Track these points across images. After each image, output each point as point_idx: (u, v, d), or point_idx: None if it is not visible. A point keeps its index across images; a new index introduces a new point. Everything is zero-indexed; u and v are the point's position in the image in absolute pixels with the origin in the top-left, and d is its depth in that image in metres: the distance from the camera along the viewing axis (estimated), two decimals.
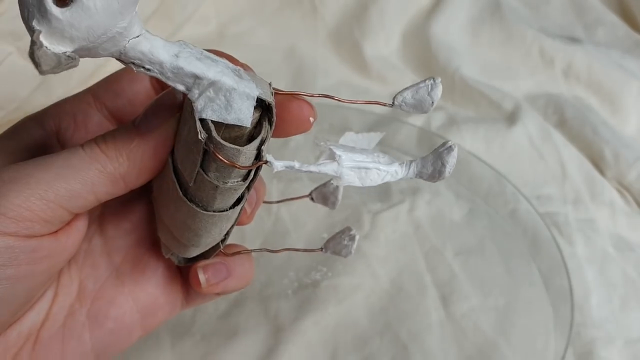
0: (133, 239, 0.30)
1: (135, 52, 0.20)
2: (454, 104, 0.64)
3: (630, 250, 0.52)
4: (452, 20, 0.69)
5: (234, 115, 0.21)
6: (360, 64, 0.66)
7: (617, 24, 0.73)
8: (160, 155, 0.24)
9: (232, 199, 0.25)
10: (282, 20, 0.70)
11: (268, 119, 0.23)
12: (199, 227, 0.25)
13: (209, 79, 0.21)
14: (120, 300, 0.29)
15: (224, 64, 0.22)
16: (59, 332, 0.27)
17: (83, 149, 0.23)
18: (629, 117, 0.63)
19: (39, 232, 0.23)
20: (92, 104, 0.27)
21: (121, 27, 0.19)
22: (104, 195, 0.24)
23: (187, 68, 0.21)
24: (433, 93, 0.25)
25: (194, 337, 0.43)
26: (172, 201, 0.25)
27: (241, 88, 0.21)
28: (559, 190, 0.55)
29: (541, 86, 0.66)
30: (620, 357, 0.45)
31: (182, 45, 0.21)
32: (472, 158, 0.55)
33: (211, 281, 0.29)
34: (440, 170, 0.24)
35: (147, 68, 0.21)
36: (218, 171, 0.23)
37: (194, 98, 0.21)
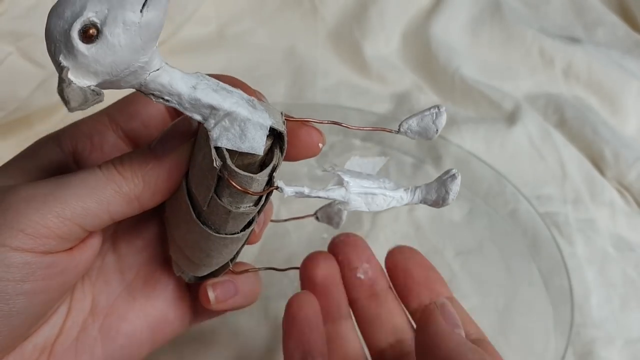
0: (145, 257, 0.30)
1: (155, 85, 0.21)
2: (454, 104, 0.64)
3: (630, 250, 0.52)
4: (452, 20, 0.69)
5: (248, 144, 0.22)
6: (360, 64, 0.66)
7: (617, 24, 0.73)
8: (174, 178, 0.25)
9: (244, 222, 0.26)
10: (282, 20, 0.70)
11: (279, 146, 0.24)
12: (210, 249, 0.26)
13: (225, 110, 0.22)
14: (131, 316, 0.30)
15: (238, 95, 0.23)
16: (72, 346, 0.28)
17: (100, 169, 0.24)
18: (629, 117, 0.63)
19: (55, 248, 0.23)
20: (108, 126, 0.28)
21: (143, 62, 0.20)
22: (119, 214, 0.25)
23: (204, 100, 0.22)
24: (437, 121, 0.26)
25: (194, 337, 0.43)
26: (185, 223, 0.26)
27: (255, 118, 0.22)
28: (559, 190, 0.55)
29: (541, 86, 0.66)
30: (620, 357, 0.45)
31: (199, 77, 0.22)
32: (472, 158, 0.55)
33: (220, 298, 0.30)
34: (444, 197, 0.26)
35: (166, 99, 0.22)
36: (231, 197, 0.24)
37: (210, 127, 0.22)
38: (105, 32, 0.19)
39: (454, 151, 0.56)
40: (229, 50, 0.66)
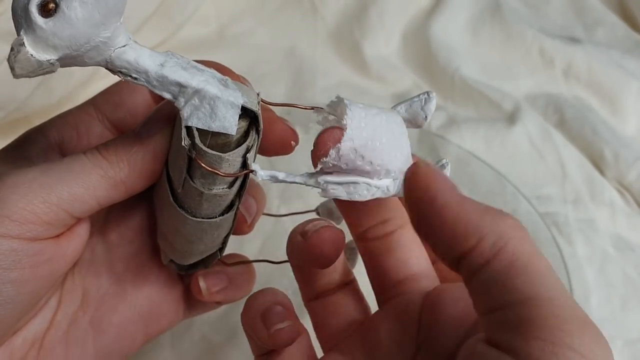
0: (135, 247, 0.30)
1: (121, 61, 0.21)
2: (454, 104, 0.64)
3: (630, 250, 0.52)
4: (452, 20, 0.69)
5: (219, 123, 0.22)
6: (360, 64, 0.66)
7: (617, 24, 0.72)
8: (159, 160, 0.25)
9: (220, 206, 0.25)
10: (282, 20, 0.70)
11: (255, 128, 0.24)
12: (189, 233, 0.26)
13: (192, 87, 0.22)
14: (122, 308, 0.29)
15: (210, 73, 0.23)
16: (62, 339, 0.28)
17: (85, 155, 0.24)
18: (629, 117, 0.63)
19: (42, 235, 0.23)
20: (94, 115, 0.28)
21: (104, 37, 0.20)
22: (106, 199, 0.24)
23: (171, 77, 0.22)
24: (426, 107, 0.25)
25: (194, 337, 0.43)
26: (166, 207, 0.26)
27: (225, 96, 0.22)
28: (559, 190, 0.55)
29: (541, 86, 0.66)
30: (620, 357, 0.45)
31: (168, 55, 0.22)
32: (472, 158, 0.55)
33: (211, 289, 0.30)
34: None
35: (134, 77, 0.22)
36: (203, 178, 0.23)
37: (180, 106, 0.22)
38: (62, 6, 0.19)
39: (454, 151, 0.56)
40: (229, 50, 0.66)
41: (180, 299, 0.31)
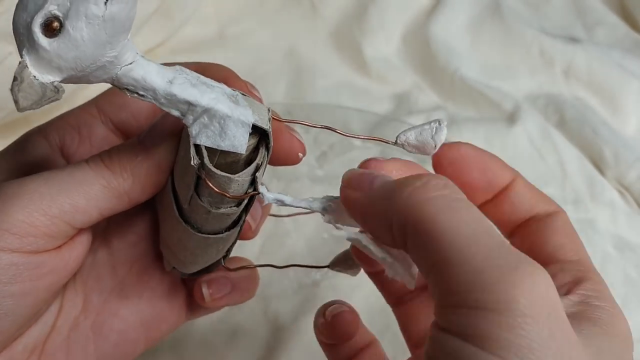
0: (138, 252, 0.30)
1: (128, 79, 0.20)
2: (454, 104, 0.64)
3: (630, 250, 0.52)
4: (452, 20, 0.69)
5: (229, 142, 0.21)
6: (360, 64, 0.66)
7: (617, 24, 0.72)
8: (164, 171, 0.24)
9: (227, 223, 0.25)
10: (282, 20, 0.70)
11: (265, 144, 0.23)
12: (194, 247, 0.25)
13: (202, 106, 0.21)
14: (124, 313, 0.29)
15: (220, 90, 0.22)
16: (63, 345, 0.27)
17: (88, 164, 0.24)
18: (629, 117, 0.63)
19: (43, 247, 0.23)
20: (97, 117, 0.28)
21: (111, 56, 0.20)
22: (108, 210, 0.24)
23: (180, 95, 0.21)
24: (437, 137, 0.24)
25: (194, 338, 0.43)
26: (170, 220, 0.25)
27: (236, 115, 0.21)
28: (559, 190, 0.55)
29: (541, 86, 0.66)
30: None
31: (177, 71, 0.22)
32: None
33: (215, 295, 0.29)
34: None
35: (141, 94, 0.21)
36: (211, 197, 0.23)
37: (189, 123, 0.22)
38: (67, 26, 0.18)
39: None
40: (229, 50, 0.66)
41: (182, 303, 0.31)
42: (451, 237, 0.18)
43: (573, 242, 0.25)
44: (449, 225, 0.18)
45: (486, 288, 0.17)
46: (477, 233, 0.18)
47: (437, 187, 0.20)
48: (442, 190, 0.19)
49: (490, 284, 0.17)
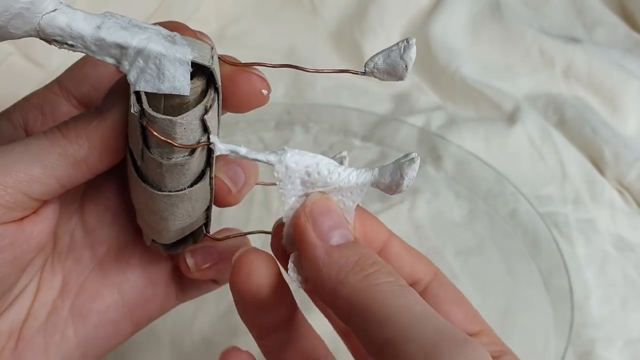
0: (116, 229, 0.29)
1: (52, 28, 0.19)
2: (454, 103, 0.64)
3: (630, 250, 0.52)
4: (452, 20, 0.69)
5: (168, 84, 0.20)
6: (360, 64, 0.65)
7: (617, 24, 0.72)
8: (120, 134, 0.23)
9: (185, 176, 0.23)
10: (282, 20, 0.70)
11: (214, 86, 0.22)
12: (160, 209, 0.24)
13: (133, 47, 0.20)
14: (104, 293, 0.28)
15: (154, 30, 0.21)
16: (41, 329, 0.27)
17: (45, 134, 0.23)
18: (629, 117, 0.63)
19: (1, 218, 0.22)
20: (59, 94, 0.27)
21: (25, 2, 0.18)
22: (67, 180, 0.23)
23: (109, 38, 0.20)
24: (406, 55, 0.23)
25: (194, 337, 0.43)
26: (133, 183, 0.24)
27: (172, 53, 0.20)
28: (559, 190, 0.55)
29: (541, 86, 0.66)
30: (620, 357, 0.45)
31: (106, 16, 0.20)
32: (472, 158, 0.55)
33: (200, 265, 0.28)
34: (397, 182, 0.23)
35: (70, 44, 0.20)
36: (159, 147, 0.22)
37: (126, 70, 0.20)
38: None
39: (454, 151, 0.56)
40: (229, 50, 0.65)
41: (169, 281, 0.30)
42: (405, 316, 0.19)
43: (462, 305, 0.26)
44: (401, 306, 0.20)
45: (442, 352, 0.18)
46: (426, 313, 0.20)
47: (385, 274, 0.21)
48: (389, 277, 0.21)
49: (446, 355, 0.18)
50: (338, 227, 0.23)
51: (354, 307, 0.21)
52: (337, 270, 0.21)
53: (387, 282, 0.21)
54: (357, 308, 0.21)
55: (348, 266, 0.21)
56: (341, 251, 0.22)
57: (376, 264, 0.21)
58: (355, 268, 0.21)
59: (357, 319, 0.21)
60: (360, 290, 0.21)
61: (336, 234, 0.22)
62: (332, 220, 0.23)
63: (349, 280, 0.21)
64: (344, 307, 0.21)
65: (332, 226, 0.23)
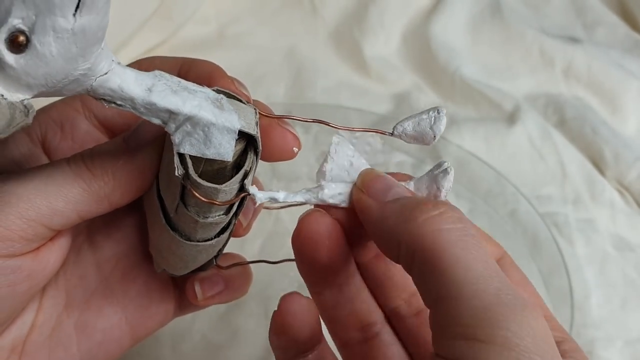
0: (123, 248, 0.29)
1: (104, 90, 0.19)
2: (454, 103, 0.64)
3: (630, 250, 0.52)
4: (452, 20, 0.69)
5: (214, 150, 0.20)
6: (360, 64, 0.66)
7: (617, 24, 0.72)
8: (147, 176, 0.23)
9: (216, 230, 0.24)
10: (282, 20, 0.70)
11: (254, 149, 0.22)
12: (183, 254, 0.25)
13: (184, 115, 0.20)
14: (109, 312, 0.28)
15: (203, 95, 0.21)
16: (45, 344, 0.27)
17: (68, 164, 0.23)
18: (629, 117, 0.63)
19: (20, 251, 0.22)
20: (81, 111, 0.27)
21: (84, 68, 0.18)
22: (87, 214, 0.23)
23: (160, 104, 0.20)
24: (435, 127, 0.23)
25: (194, 337, 0.43)
26: (158, 226, 0.24)
27: (221, 122, 0.20)
28: (559, 190, 0.55)
29: (541, 86, 0.66)
30: (620, 357, 0.45)
31: (156, 77, 0.20)
32: (472, 158, 0.55)
33: (207, 294, 0.29)
34: (435, 194, 0.23)
35: (119, 104, 0.20)
36: (198, 206, 0.22)
37: (171, 132, 0.20)
38: (35, 42, 0.17)
39: (454, 151, 0.56)
40: (229, 50, 0.66)
41: (170, 300, 0.30)
42: (464, 272, 0.18)
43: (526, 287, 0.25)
44: (461, 260, 0.18)
45: (496, 324, 0.17)
46: (487, 271, 0.18)
47: (452, 220, 0.20)
48: (456, 224, 0.20)
49: (501, 320, 0.17)
50: (391, 188, 0.22)
51: (416, 253, 0.19)
52: (395, 216, 0.20)
53: (453, 229, 0.19)
54: (419, 255, 0.19)
55: (407, 209, 0.20)
56: (396, 202, 0.21)
57: (442, 205, 0.20)
58: (416, 210, 0.20)
59: (417, 269, 0.20)
60: (423, 234, 0.19)
61: (390, 193, 0.22)
62: (383, 183, 0.22)
63: (410, 222, 0.20)
64: (407, 256, 0.20)
65: (385, 187, 0.22)
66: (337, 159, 0.23)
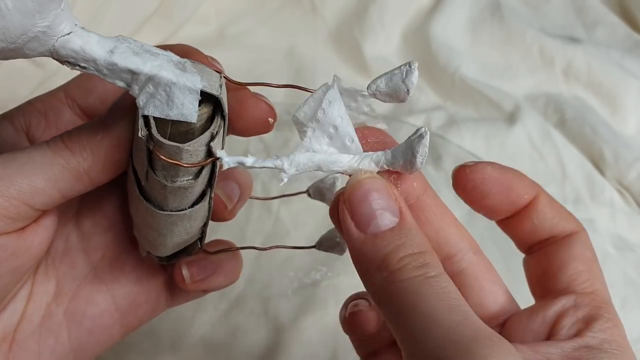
0: (111, 236, 0.29)
1: (66, 51, 0.20)
2: (454, 103, 0.64)
3: (630, 250, 0.52)
4: (452, 20, 0.69)
5: (177, 111, 0.21)
6: (360, 64, 0.66)
7: (617, 24, 0.72)
8: (124, 150, 0.23)
9: (188, 198, 0.24)
10: (282, 20, 0.70)
11: (220, 113, 0.22)
12: (159, 226, 0.25)
13: (145, 74, 0.20)
14: (98, 299, 0.29)
15: (165, 57, 0.21)
16: (35, 332, 0.27)
17: (47, 144, 0.23)
18: (628, 117, 0.63)
19: (2, 229, 0.22)
20: (64, 101, 0.27)
21: (43, 26, 0.19)
22: (69, 191, 0.23)
23: (121, 64, 0.20)
24: (407, 80, 0.23)
25: (194, 337, 0.43)
26: (134, 199, 0.25)
27: (182, 81, 0.20)
28: (559, 190, 0.55)
29: (541, 86, 0.66)
30: None
31: (119, 40, 0.21)
32: (472, 158, 0.55)
33: (196, 277, 0.29)
34: (411, 160, 0.23)
35: (83, 66, 0.20)
36: (165, 170, 0.22)
37: (135, 94, 0.21)
38: None
39: (454, 151, 0.56)
40: (229, 50, 0.66)
41: (161, 289, 0.30)
42: (413, 318, 0.19)
43: (590, 269, 0.25)
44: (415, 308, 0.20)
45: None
46: (438, 311, 0.19)
47: (412, 269, 0.20)
48: (416, 272, 0.20)
49: (450, 357, 0.18)
50: (373, 217, 0.22)
51: (377, 303, 0.21)
52: (366, 264, 0.21)
53: (409, 279, 0.20)
54: (379, 305, 0.21)
55: (375, 263, 0.21)
56: (374, 243, 0.21)
57: (404, 259, 0.21)
58: (382, 265, 0.21)
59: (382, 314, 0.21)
60: (382, 288, 0.21)
61: (372, 225, 0.22)
62: (368, 209, 0.22)
63: (373, 278, 0.21)
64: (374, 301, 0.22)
65: (369, 215, 0.22)
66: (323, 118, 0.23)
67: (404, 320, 0.20)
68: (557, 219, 0.26)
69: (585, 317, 0.23)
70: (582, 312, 0.23)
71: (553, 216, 0.26)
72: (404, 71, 0.23)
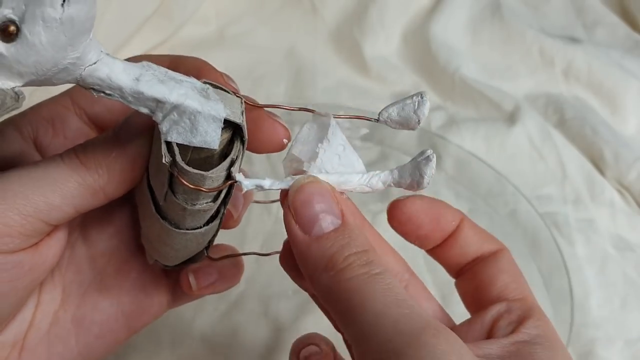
0: (116, 243, 0.29)
1: (93, 79, 0.20)
2: (454, 104, 0.64)
3: (630, 250, 0.52)
4: (452, 20, 0.69)
5: (200, 138, 0.21)
6: (360, 64, 0.66)
7: (617, 24, 0.72)
8: (139, 167, 0.24)
9: (204, 218, 0.24)
10: (282, 20, 0.70)
11: (240, 137, 0.22)
12: (174, 243, 0.25)
13: (171, 103, 0.21)
14: (104, 305, 0.29)
15: (189, 84, 0.21)
16: (44, 339, 0.27)
17: (62, 159, 0.23)
18: (629, 117, 0.63)
19: (19, 246, 0.22)
20: (71, 108, 0.27)
21: (73, 57, 0.19)
22: (84, 207, 0.24)
23: (147, 92, 0.20)
24: (419, 111, 0.24)
25: (194, 337, 0.43)
26: (149, 216, 0.25)
27: (207, 110, 0.21)
28: (559, 190, 0.55)
29: (541, 86, 0.66)
30: (620, 357, 0.45)
31: (144, 67, 0.21)
32: (472, 158, 0.55)
33: (202, 284, 0.29)
34: (418, 181, 0.24)
35: (108, 93, 0.20)
36: (185, 193, 0.22)
37: (158, 120, 0.21)
38: (25, 31, 0.17)
39: (454, 151, 0.56)
40: (229, 50, 0.66)
41: (164, 292, 0.31)
42: (361, 314, 0.20)
43: (517, 280, 0.27)
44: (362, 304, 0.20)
45: (397, 353, 0.19)
46: (385, 306, 0.20)
47: (358, 267, 0.21)
48: (361, 269, 0.21)
49: (400, 349, 0.19)
50: (316, 220, 0.22)
51: (326, 303, 0.22)
52: (312, 266, 0.22)
53: (357, 276, 0.21)
54: (328, 304, 0.22)
55: (321, 263, 0.22)
56: (319, 244, 0.22)
57: (349, 258, 0.22)
58: (328, 265, 0.22)
59: (332, 315, 0.22)
60: (329, 288, 0.21)
61: (315, 228, 0.22)
62: (310, 213, 0.23)
63: (320, 278, 0.22)
64: (322, 301, 0.22)
65: (311, 218, 0.22)
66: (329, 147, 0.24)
67: (353, 318, 0.20)
68: (481, 241, 0.28)
69: (518, 317, 0.25)
70: (515, 314, 0.25)
71: (478, 238, 0.28)
72: (416, 102, 0.24)
